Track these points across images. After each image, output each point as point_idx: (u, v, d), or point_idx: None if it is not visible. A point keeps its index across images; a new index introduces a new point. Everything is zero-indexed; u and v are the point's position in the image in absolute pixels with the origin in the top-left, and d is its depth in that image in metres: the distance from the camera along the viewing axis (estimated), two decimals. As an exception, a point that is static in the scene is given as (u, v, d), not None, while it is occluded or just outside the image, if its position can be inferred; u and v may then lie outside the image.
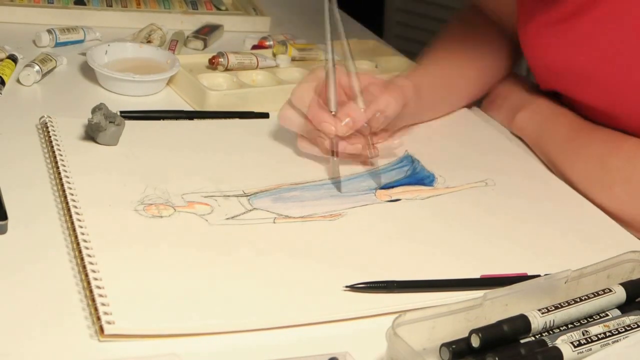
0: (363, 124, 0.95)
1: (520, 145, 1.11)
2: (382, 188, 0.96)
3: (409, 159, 1.02)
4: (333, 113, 0.95)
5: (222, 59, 1.15)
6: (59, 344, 0.69)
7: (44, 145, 0.95)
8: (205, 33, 1.26)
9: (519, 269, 0.83)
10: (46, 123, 0.98)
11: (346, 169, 0.97)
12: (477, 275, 0.82)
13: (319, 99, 0.96)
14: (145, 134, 1.00)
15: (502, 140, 1.11)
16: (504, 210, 0.94)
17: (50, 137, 0.95)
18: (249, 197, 0.91)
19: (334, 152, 0.95)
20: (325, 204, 0.91)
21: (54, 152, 0.92)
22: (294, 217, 0.89)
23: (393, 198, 0.94)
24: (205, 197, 0.89)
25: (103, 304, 0.72)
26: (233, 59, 1.15)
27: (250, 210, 0.89)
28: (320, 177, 0.96)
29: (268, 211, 0.89)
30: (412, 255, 0.84)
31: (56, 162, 0.90)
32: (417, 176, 0.99)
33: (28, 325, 0.71)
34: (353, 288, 0.78)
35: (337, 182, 0.94)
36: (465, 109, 1.16)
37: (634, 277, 0.77)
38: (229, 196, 0.90)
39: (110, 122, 0.95)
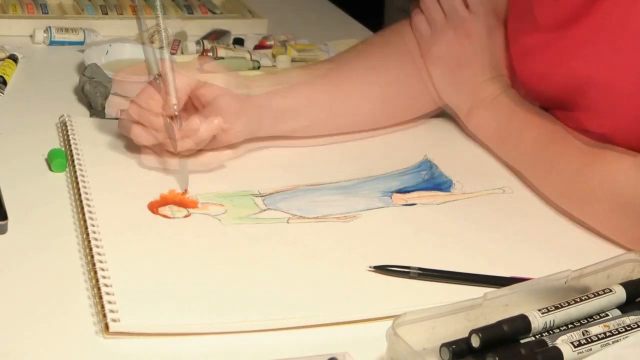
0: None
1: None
2: (399, 192, 0.95)
3: (427, 164, 1.01)
4: (174, 105, 0.89)
5: (210, 54, 1.17)
6: (64, 340, 0.70)
7: (63, 144, 0.96)
8: (214, 39, 1.26)
9: (529, 272, 0.81)
10: (65, 122, 0.98)
11: (364, 172, 0.97)
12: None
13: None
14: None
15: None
16: (518, 216, 0.93)
17: (68, 135, 0.96)
18: (264, 197, 0.91)
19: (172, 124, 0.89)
20: (340, 206, 0.91)
21: (71, 150, 0.93)
22: (308, 218, 0.88)
23: (409, 202, 0.93)
24: (220, 197, 0.90)
25: (110, 302, 0.72)
26: (222, 52, 1.16)
27: (264, 210, 0.89)
28: (337, 179, 0.95)
29: (282, 211, 0.89)
30: (423, 259, 0.83)
31: (73, 161, 0.91)
32: (434, 181, 0.98)
33: (33, 322, 0.71)
34: (377, 269, 0.80)
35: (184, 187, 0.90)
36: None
37: (634, 277, 0.77)
38: (244, 196, 0.90)
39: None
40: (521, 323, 0.70)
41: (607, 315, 0.73)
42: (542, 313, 0.71)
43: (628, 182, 0.86)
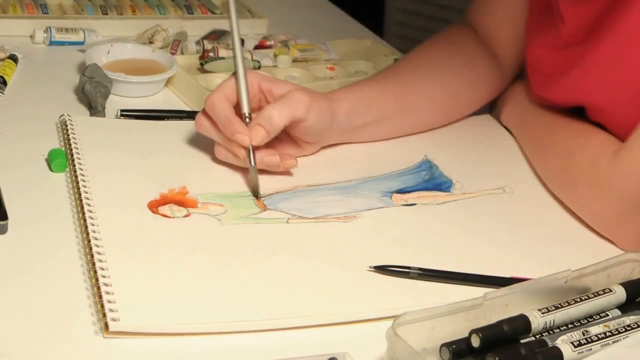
0: (279, 131, 0.92)
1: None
2: (399, 192, 0.95)
3: (427, 164, 1.01)
4: (246, 116, 0.91)
5: (211, 54, 1.16)
6: (64, 339, 0.70)
7: (63, 144, 0.96)
8: (214, 39, 1.26)
9: (529, 272, 0.82)
10: (65, 121, 0.98)
11: (364, 172, 0.97)
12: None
13: (230, 106, 0.92)
14: (160, 134, 1.00)
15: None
16: (519, 216, 0.93)
17: (68, 135, 0.96)
18: (264, 198, 0.91)
19: (251, 161, 0.90)
20: (340, 206, 0.91)
21: (71, 150, 0.93)
22: (308, 218, 0.88)
23: (409, 202, 0.93)
24: (220, 197, 0.90)
25: (109, 301, 0.72)
26: (223, 52, 1.16)
27: (264, 210, 0.89)
28: (337, 180, 0.95)
29: (282, 211, 0.89)
30: (423, 259, 0.83)
31: (73, 161, 0.91)
32: (434, 181, 0.98)
33: (33, 322, 0.71)
34: (377, 269, 0.81)
35: (256, 193, 0.90)
36: (486, 115, 1.13)
37: (634, 277, 0.77)
38: (244, 197, 0.90)
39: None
40: (521, 323, 0.70)
41: (607, 315, 0.73)
42: (542, 313, 0.71)
43: (608, 167, 0.89)
